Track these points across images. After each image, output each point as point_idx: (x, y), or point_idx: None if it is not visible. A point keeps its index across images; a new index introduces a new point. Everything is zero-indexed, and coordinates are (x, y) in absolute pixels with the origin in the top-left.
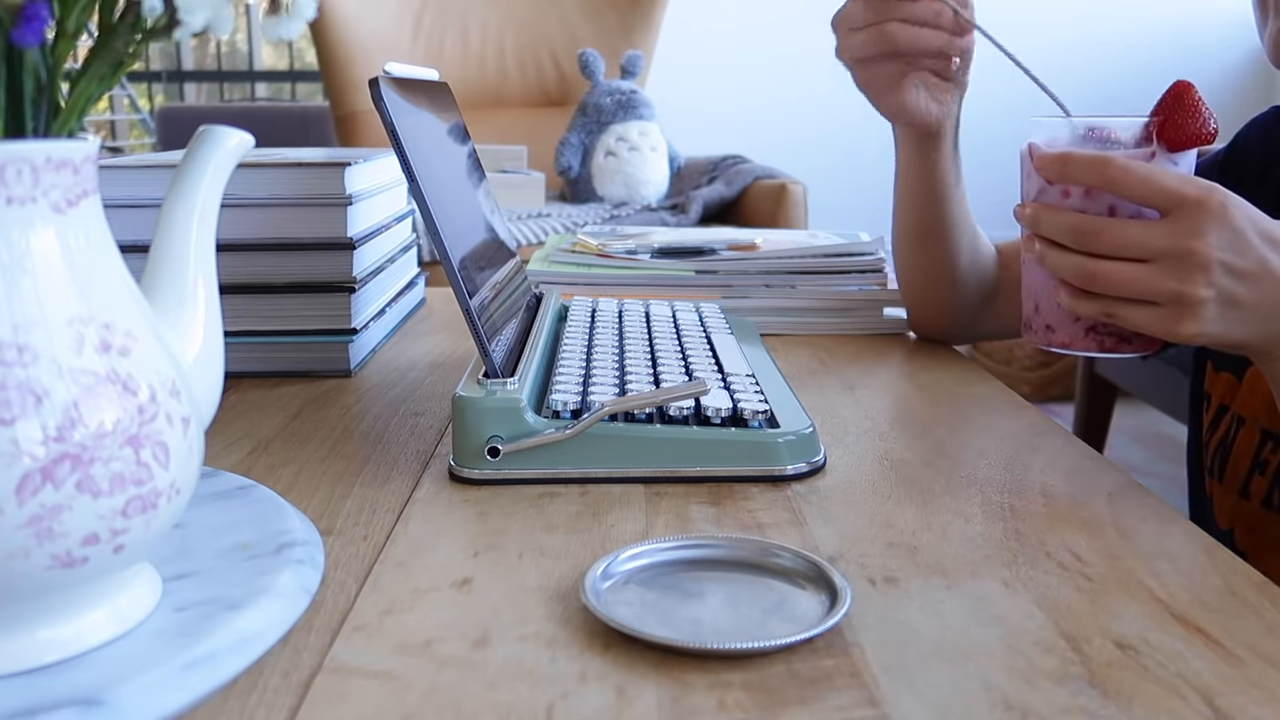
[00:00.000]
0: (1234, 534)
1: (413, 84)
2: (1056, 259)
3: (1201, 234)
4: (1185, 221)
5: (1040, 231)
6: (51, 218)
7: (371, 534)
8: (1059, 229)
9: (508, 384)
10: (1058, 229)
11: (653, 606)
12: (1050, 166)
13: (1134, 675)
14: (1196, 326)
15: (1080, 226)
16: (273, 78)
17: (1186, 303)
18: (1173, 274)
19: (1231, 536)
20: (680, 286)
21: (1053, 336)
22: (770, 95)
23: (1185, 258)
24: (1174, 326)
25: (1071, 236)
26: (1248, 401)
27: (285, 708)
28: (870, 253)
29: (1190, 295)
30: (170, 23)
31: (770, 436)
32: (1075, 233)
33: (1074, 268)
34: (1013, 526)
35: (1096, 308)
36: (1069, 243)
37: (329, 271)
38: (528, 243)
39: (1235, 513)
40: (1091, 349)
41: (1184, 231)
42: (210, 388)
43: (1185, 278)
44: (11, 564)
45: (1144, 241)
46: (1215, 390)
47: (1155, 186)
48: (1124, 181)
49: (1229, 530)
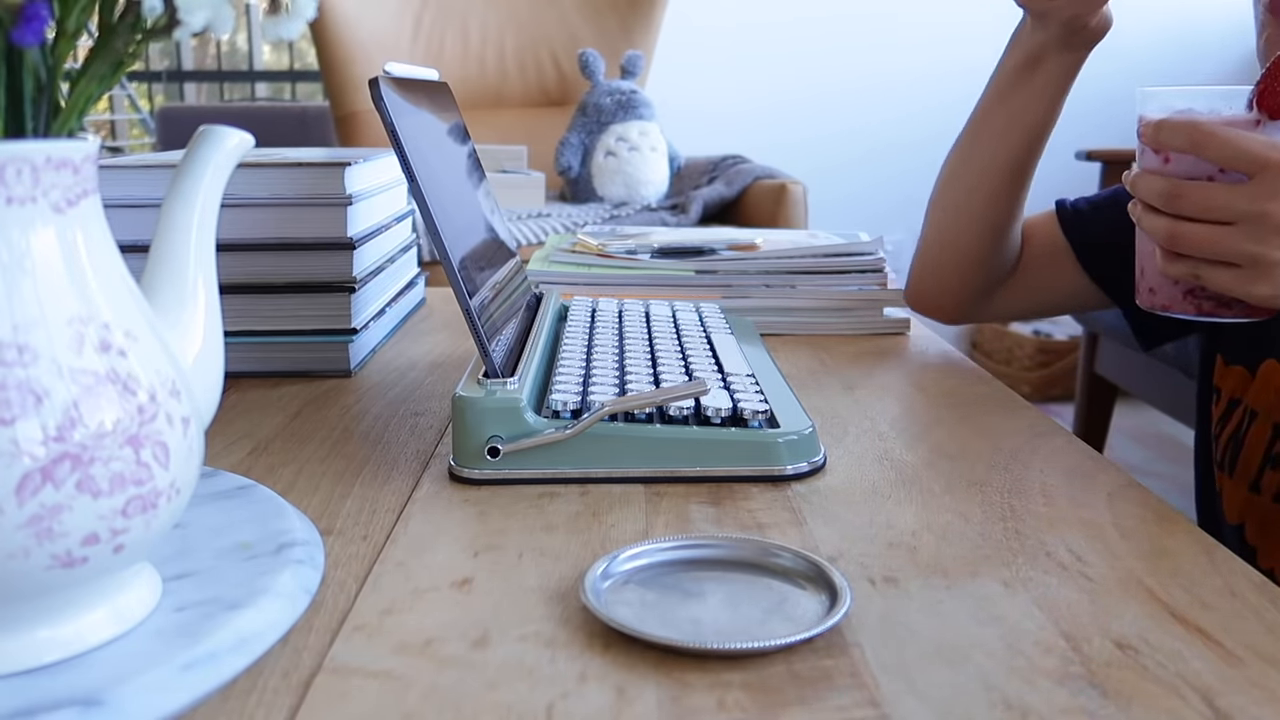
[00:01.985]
0: (1244, 528)
1: (413, 84)
2: (1150, 221)
3: None
4: (1266, 186)
5: (1137, 195)
6: (51, 218)
7: (371, 534)
8: (1151, 191)
9: (508, 384)
10: (1150, 191)
11: (653, 606)
12: (1148, 132)
13: (1134, 675)
14: (1271, 288)
15: (1167, 189)
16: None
17: (1262, 265)
18: (1250, 236)
19: (1241, 531)
20: (680, 286)
21: (1154, 299)
22: (770, 95)
23: (1262, 220)
24: (1250, 288)
25: (1160, 199)
26: (1261, 395)
27: (285, 708)
28: (870, 253)
29: (1265, 257)
30: (170, 23)
31: (770, 436)
32: (1163, 195)
33: (1162, 229)
34: (1013, 526)
35: (1184, 269)
36: (1160, 205)
37: (329, 271)
38: (528, 243)
39: (1246, 507)
40: (1189, 311)
41: (1264, 195)
42: (210, 388)
43: (1262, 240)
44: (11, 564)
45: (1225, 204)
46: (1226, 384)
47: (1239, 150)
48: (1209, 145)
49: (1239, 525)
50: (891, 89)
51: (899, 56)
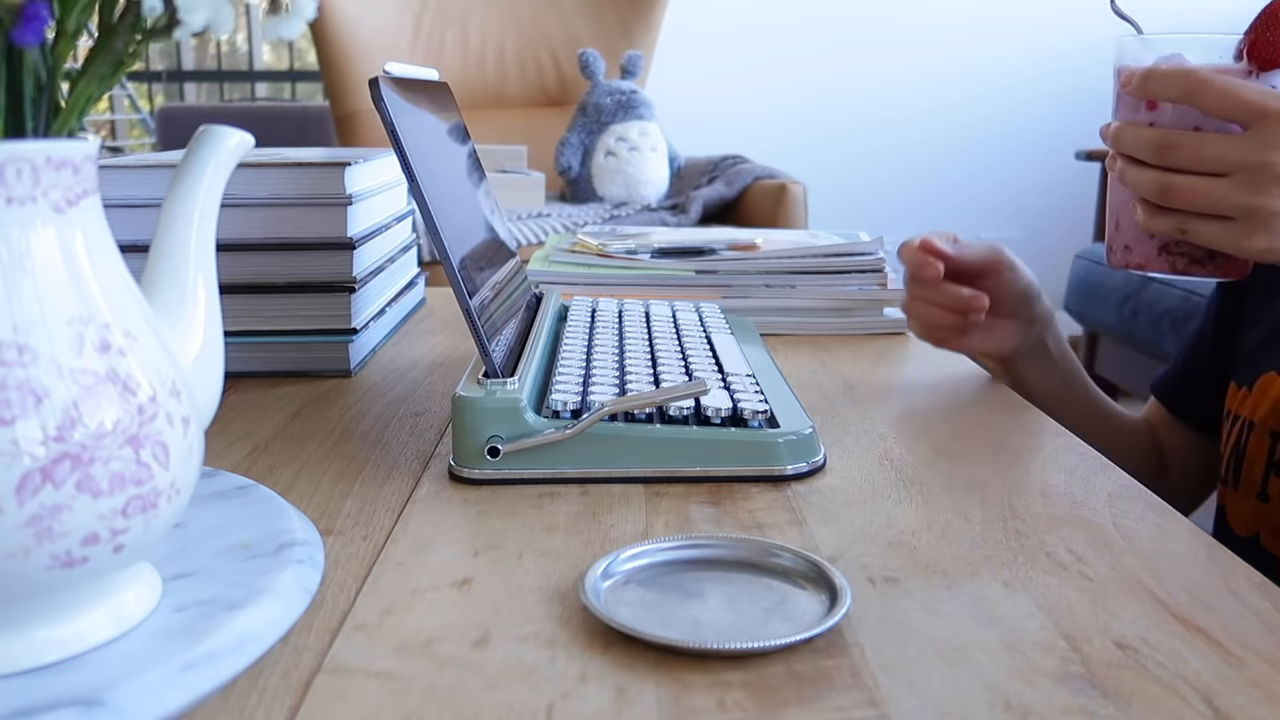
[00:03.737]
0: (1259, 538)
1: (413, 84)
2: (1135, 174)
3: None
4: (1265, 135)
5: (1121, 148)
6: (51, 218)
7: (371, 534)
8: (1139, 144)
9: (508, 384)
10: (1138, 144)
11: (653, 606)
12: (1134, 82)
13: (1134, 675)
14: (1267, 240)
15: (1159, 140)
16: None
17: (1259, 216)
18: (1247, 187)
19: (1256, 541)
20: (680, 286)
21: (1130, 257)
22: (770, 95)
23: (1261, 171)
24: (1244, 241)
25: (1151, 151)
26: (1258, 407)
27: (285, 708)
28: (870, 253)
29: (1263, 208)
30: (170, 23)
31: (770, 436)
32: (1154, 147)
33: (1150, 182)
34: (1013, 526)
35: (1171, 223)
36: (1148, 158)
37: (329, 271)
38: (528, 243)
39: (1256, 517)
40: (1164, 269)
41: (1262, 145)
42: (210, 388)
43: (1260, 190)
44: (11, 564)
45: (1221, 154)
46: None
47: (1236, 99)
48: (1204, 93)
49: (1252, 536)
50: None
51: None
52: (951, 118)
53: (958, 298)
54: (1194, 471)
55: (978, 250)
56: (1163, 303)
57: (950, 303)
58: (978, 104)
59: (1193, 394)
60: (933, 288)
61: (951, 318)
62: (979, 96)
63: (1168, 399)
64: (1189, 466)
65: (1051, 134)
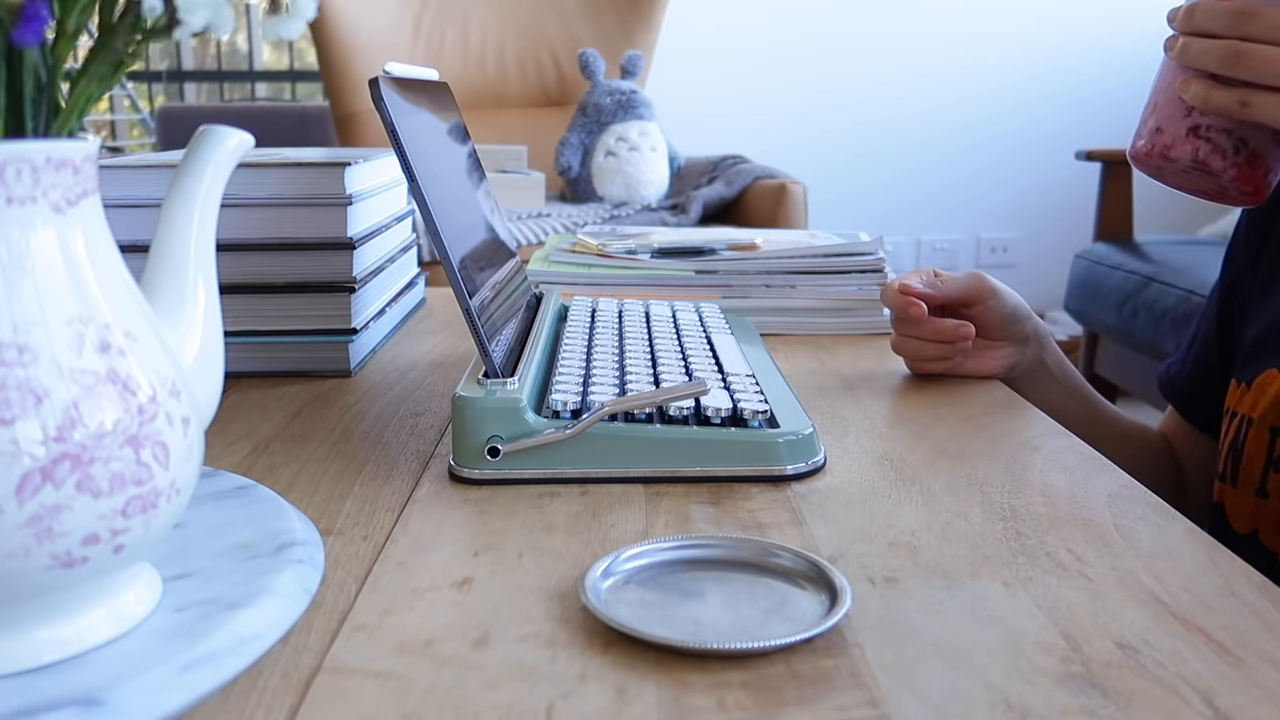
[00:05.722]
0: (1258, 535)
1: (413, 84)
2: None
3: None
4: None
5: (1194, 23)
6: (51, 218)
7: (371, 534)
8: (1215, 14)
9: (508, 384)
10: (1214, 14)
11: (653, 606)
12: None
13: (1134, 675)
14: None
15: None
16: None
17: None
18: None
19: (1254, 539)
20: (680, 286)
21: (1158, 139)
22: (770, 95)
23: None
24: None
25: (1227, 19)
26: (1257, 403)
27: (285, 708)
28: (870, 253)
29: None
30: (170, 23)
31: (770, 436)
32: (1233, 15)
33: (1222, 48)
34: (1013, 526)
35: (1231, 96)
36: (1222, 28)
37: (329, 271)
38: (528, 243)
39: (1256, 514)
40: (1186, 154)
41: None
42: (210, 388)
43: None
44: (11, 564)
45: None
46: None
47: None
48: None
49: (1250, 534)
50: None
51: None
52: (951, 118)
53: (943, 330)
54: (1207, 473)
55: (959, 281)
56: (1163, 303)
57: (937, 336)
58: (978, 104)
59: (1206, 397)
60: (918, 325)
61: (940, 349)
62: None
63: (1182, 405)
64: (1206, 470)
65: (1051, 134)
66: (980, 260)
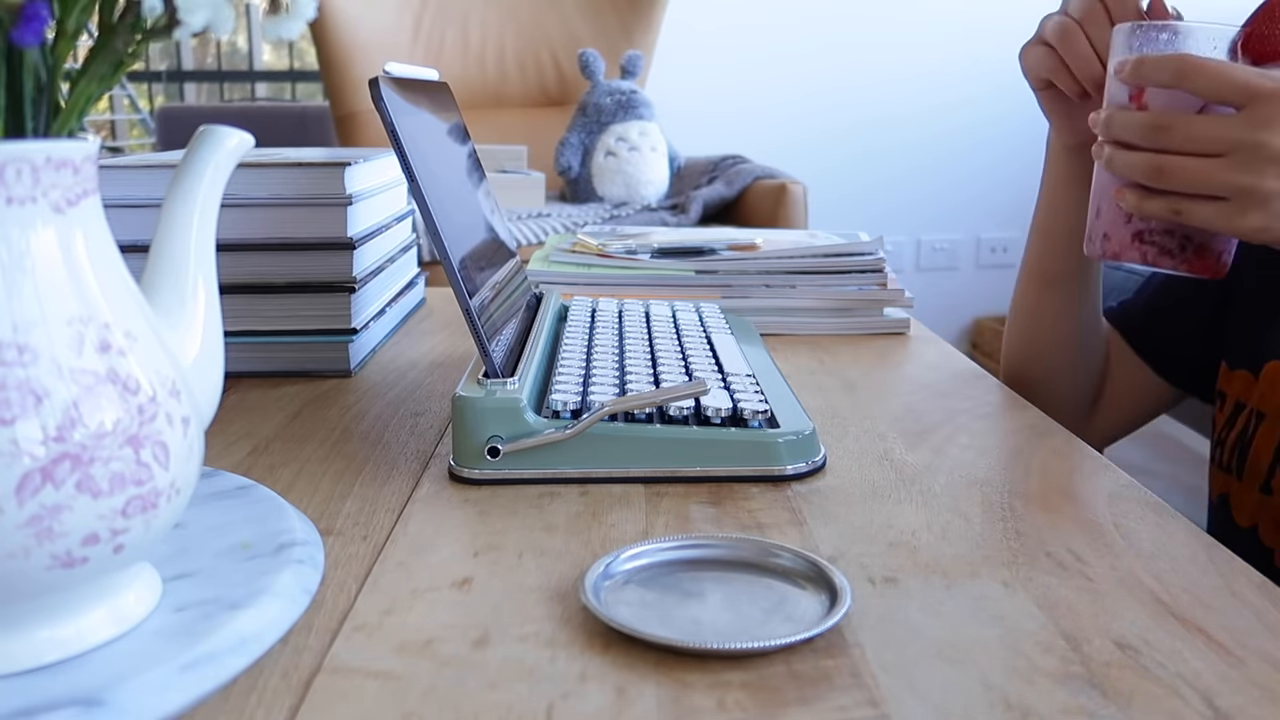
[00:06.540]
0: (1258, 530)
1: (413, 84)
2: (1126, 158)
3: (1274, 126)
4: (1259, 114)
5: (1112, 132)
6: (51, 218)
7: (371, 534)
8: (1131, 126)
9: (508, 384)
10: (1130, 127)
11: (653, 606)
12: (1127, 68)
13: (1134, 675)
14: (1263, 220)
15: (1152, 121)
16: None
17: (1255, 195)
18: (1242, 166)
19: (1255, 534)
20: (680, 286)
21: (1107, 245)
22: (770, 95)
23: (1256, 150)
24: (1239, 221)
25: (1143, 132)
26: (1267, 396)
27: (285, 708)
28: (870, 253)
29: (1259, 188)
30: (170, 23)
31: (770, 436)
32: (1147, 129)
33: (1144, 162)
34: (1013, 526)
35: (1163, 205)
36: (1140, 139)
37: (329, 271)
38: (528, 243)
39: (1258, 509)
40: (1136, 259)
41: (1257, 124)
42: (210, 388)
43: (1255, 170)
44: (11, 564)
45: (1216, 135)
46: (1231, 388)
47: (1228, 80)
48: (1196, 76)
49: (1251, 528)
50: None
51: (899, 56)
52: (951, 118)
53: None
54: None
55: None
56: None
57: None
58: (978, 104)
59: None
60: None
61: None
62: (979, 96)
63: (1130, 332)
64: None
65: None
66: (980, 260)
